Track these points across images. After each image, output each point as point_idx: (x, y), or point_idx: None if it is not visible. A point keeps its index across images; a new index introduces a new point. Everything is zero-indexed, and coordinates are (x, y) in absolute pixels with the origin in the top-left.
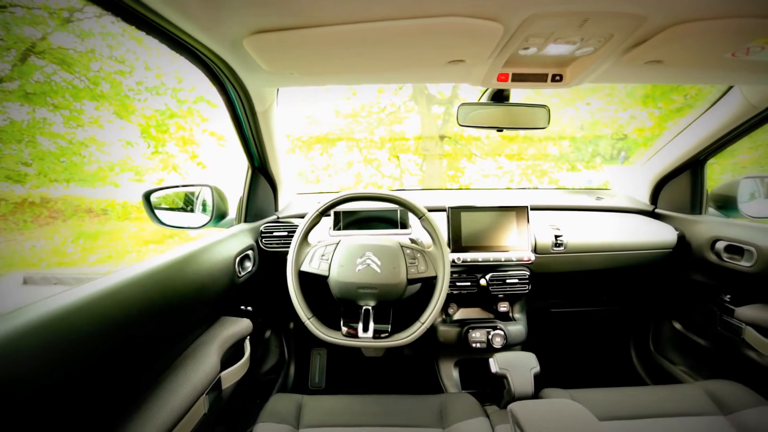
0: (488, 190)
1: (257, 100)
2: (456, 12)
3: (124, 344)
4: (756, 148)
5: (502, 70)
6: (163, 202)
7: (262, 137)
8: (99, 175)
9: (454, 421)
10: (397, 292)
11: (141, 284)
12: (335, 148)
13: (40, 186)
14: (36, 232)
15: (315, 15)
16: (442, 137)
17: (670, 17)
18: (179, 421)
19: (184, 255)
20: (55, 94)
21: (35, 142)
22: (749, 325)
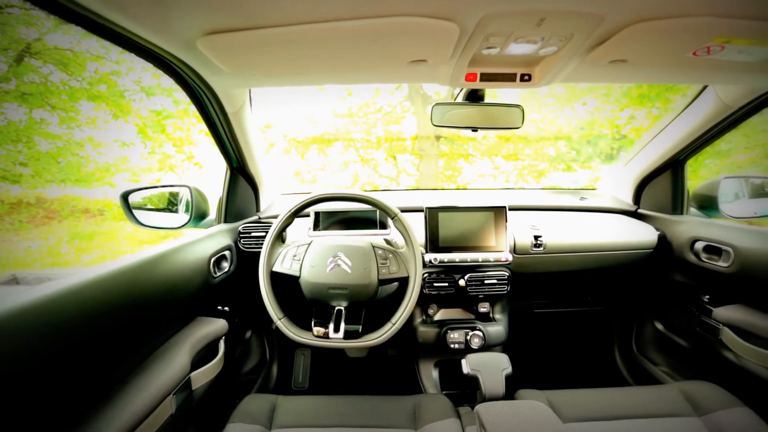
0: (472, 190)
1: (226, 101)
2: (409, 12)
3: (83, 345)
4: (753, 148)
5: (469, 69)
6: (148, 203)
7: (237, 138)
8: (96, 176)
9: (426, 422)
10: (367, 292)
11: (103, 285)
12: (332, 149)
13: (37, 187)
14: (32, 232)
15: (265, 16)
16: (438, 137)
17: (627, 16)
18: (143, 420)
19: (152, 256)
20: (51, 95)
21: (32, 143)
22: (726, 326)
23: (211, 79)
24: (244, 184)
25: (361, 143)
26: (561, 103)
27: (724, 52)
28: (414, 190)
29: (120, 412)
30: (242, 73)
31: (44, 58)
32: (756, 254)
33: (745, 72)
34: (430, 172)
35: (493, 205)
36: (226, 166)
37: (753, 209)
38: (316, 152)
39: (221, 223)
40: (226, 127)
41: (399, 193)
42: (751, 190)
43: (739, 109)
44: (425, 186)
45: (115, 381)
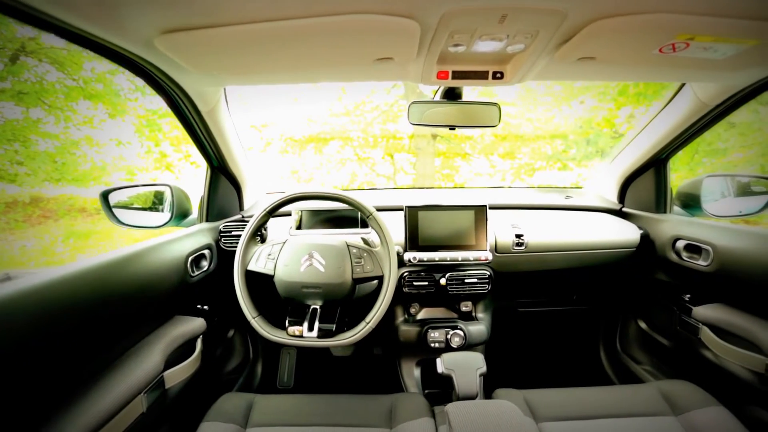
0: (457, 189)
1: (199, 100)
2: (367, 9)
3: (46, 344)
4: (750, 146)
5: (440, 67)
6: (134, 202)
7: (214, 137)
8: (92, 175)
9: (401, 421)
10: (341, 291)
11: (68, 284)
12: (330, 148)
13: (34, 186)
14: (27, 231)
15: (222, 14)
16: (434, 136)
17: (589, 13)
18: (110, 419)
19: (122, 256)
20: (46, 94)
21: (28, 142)
22: (705, 325)
23: (180, 77)
24: (226, 183)
25: (358, 142)
26: (558, 101)
27: (689, 49)
28: (400, 189)
29: (86, 410)
30: (209, 71)
31: (39, 57)
32: (735, 253)
33: (715, 69)
34: (426, 171)
35: (474, 204)
36: (206, 165)
37: (735, 208)
38: (313, 151)
39: (203, 222)
40: (202, 126)
41: (384, 192)
42: (733, 188)
43: (716, 107)
44: (421, 185)
45: (84, 380)
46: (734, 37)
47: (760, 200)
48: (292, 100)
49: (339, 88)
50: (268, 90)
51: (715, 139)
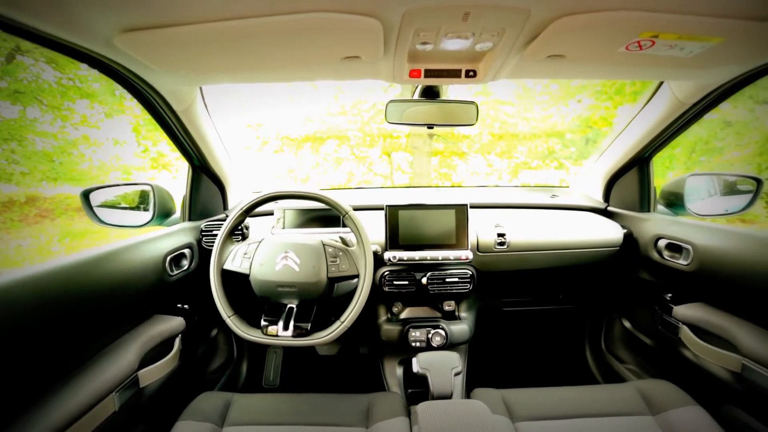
0: (442, 188)
1: (173, 98)
2: (326, 8)
3: (12, 344)
4: (747, 145)
5: (412, 66)
6: (121, 201)
7: (192, 136)
8: (89, 174)
9: (377, 420)
10: (316, 290)
11: (37, 283)
12: (327, 147)
13: (30, 186)
14: (23, 231)
15: (178, 12)
16: (431, 135)
17: (552, 10)
18: (78, 418)
19: (95, 255)
20: (43, 93)
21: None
22: (685, 324)
23: (150, 76)
24: (209, 183)
25: (355, 141)
26: (555, 100)
27: (655, 47)
28: (386, 189)
29: (54, 410)
30: (177, 70)
31: (35, 57)
32: (713, 252)
33: (687, 67)
34: (422, 170)
35: (454, 203)
36: (187, 164)
37: (718, 207)
38: (310, 150)
39: (186, 221)
40: (178, 125)
41: (368, 191)
42: (716, 187)
43: (694, 106)
44: (418, 183)
45: (53, 379)
46: (699, 34)
47: (743, 199)
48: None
49: (336, 87)
50: (267, 90)
51: (711, 138)
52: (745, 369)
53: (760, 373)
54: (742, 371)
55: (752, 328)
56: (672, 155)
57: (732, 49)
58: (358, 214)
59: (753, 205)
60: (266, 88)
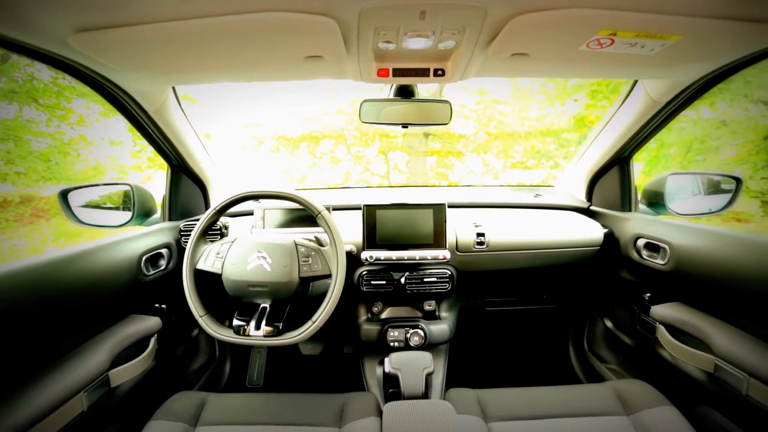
0: (423, 188)
1: (143, 99)
2: (279, 7)
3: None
4: (744, 144)
5: (379, 65)
6: (108, 201)
7: (168, 137)
8: (86, 174)
9: (350, 420)
10: (288, 290)
11: (4, 283)
12: (324, 147)
13: (26, 186)
14: (18, 231)
15: (130, 12)
16: (426, 135)
17: (508, 8)
18: (43, 418)
19: (67, 255)
20: (38, 93)
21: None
22: (662, 324)
23: (116, 77)
24: (188, 182)
25: (352, 140)
26: (552, 99)
27: (615, 45)
28: (370, 189)
29: (18, 410)
30: (139, 70)
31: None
32: (689, 251)
33: (653, 66)
34: (418, 170)
35: (432, 203)
36: (167, 164)
37: (697, 206)
38: (306, 150)
39: (166, 221)
40: (152, 126)
41: (350, 191)
42: (696, 186)
43: (668, 104)
44: (414, 183)
45: (20, 379)
46: (656, 32)
47: (722, 198)
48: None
49: (331, 87)
50: (265, 90)
51: (707, 138)
52: (718, 369)
53: (731, 373)
54: (715, 371)
55: (725, 328)
56: (668, 155)
57: (693, 47)
58: (337, 214)
59: (733, 204)
60: (263, 88)
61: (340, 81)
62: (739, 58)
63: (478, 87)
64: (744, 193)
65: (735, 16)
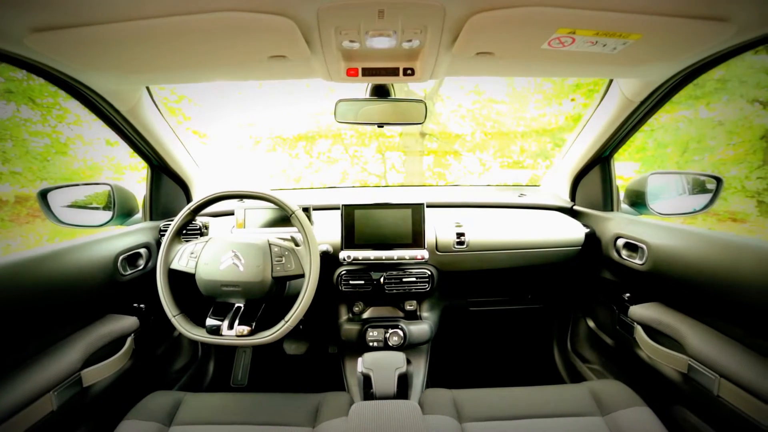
0: (405, 187)
1: (114, 98)
2: (234, 7)
3: None
4: (742, 144)
5: (348, 64)
6: (94, 201)
7: (144, 136)
8: (83, 173)
9: (324, 420)
10: (261, 289)
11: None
12: (322, 147)
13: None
14: (13, 231)
15: (88, 12)
16: (422, 134)
17: (466, 7)
18: (10, 417)
19: (39, 255)
20: (33, 93)
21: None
22: (639, 324)
23: (84, 77)
24: (169, 182)
25: (349, 140)
26: (549, 99)
27: (577, 43)
28: (362, 188)
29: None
30: (103, 70)
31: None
32: (665, 251)
33: (617, 64)
34: (414, 170)
35: (411, 203)
36: (146, 165)
37: (678, 206)
38: (303, 150)
39: (147, 221)
40: (127, 126)
41: (334, 191)
42: (678, 186)
43: (642, 103)
44: (410, 183)
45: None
46: (616, 31)
47: (703, 198)
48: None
49: (327, 86)
50: (261, 90)
51: (703, 137)
52: (691, 370)
53: (703, 374)
54: (688, 372)
55: (699, 329)
56: (664, 154)
57: (655, 45)
58: (318, 214)
59: (714, 203)
60: (258, 87)
61: (336, 83)
62: (707, 56)
63: (475, 87)
64: (740, 193)
65: (694, 15)
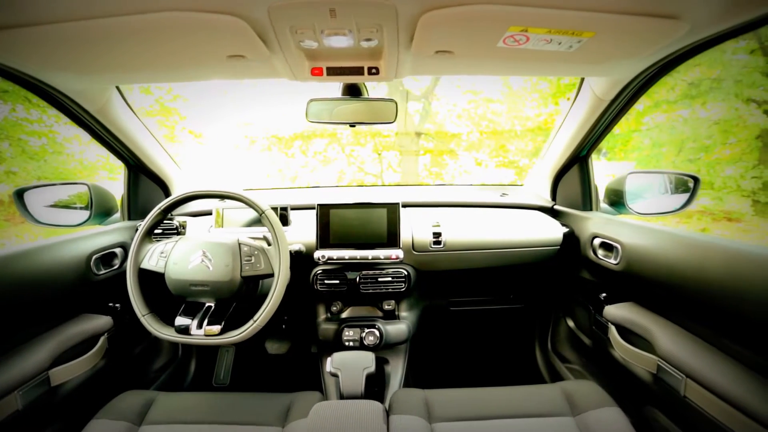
0: (385, 187)
1: (82, 98)
2: (182, 7)
3: None
4: (739, 143)
5: (312, 64)
6: (77, 201)
7: (117, 136)
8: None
9: (294, 419)
10: (230, 289)
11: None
12: (319, 146)
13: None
14: (9, 230)
15: (33, 12)
16: (418, 134)
17: (417, 5)
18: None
19: (6, 255)
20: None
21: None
22: (613, 324)
23: (47, 76)
24: (147, 182)
25: (346, 139)
26: (545, 98)
27: (531, 42)
28: (346, 187)
29: None
30: (63, 69)
31: None
32: (638, 250)
33: (578, 63)
34: (410, 169)
35: (386, 202)
36: (123, 165)
37: (656, 205)
38: (299, 149)
39: (125, 220)
40: (98, 126)
41: (320, 190)
42: (656, 185)
43: (613, 102)
44: (405, 182)
45: None
46: (568, 29)
47: (680, 198)
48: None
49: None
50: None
51: (699, 137)
52: (660, 370)
53: (671, 374)
54: (658, 372)
55: (669, 329)
56: (660, 154)
57: (611, 43)
58: (297, 213)
59: (692, 202)
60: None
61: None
62: (669, 54)
63: (471, 86)
64: (736, 192)
65: (645, 12)
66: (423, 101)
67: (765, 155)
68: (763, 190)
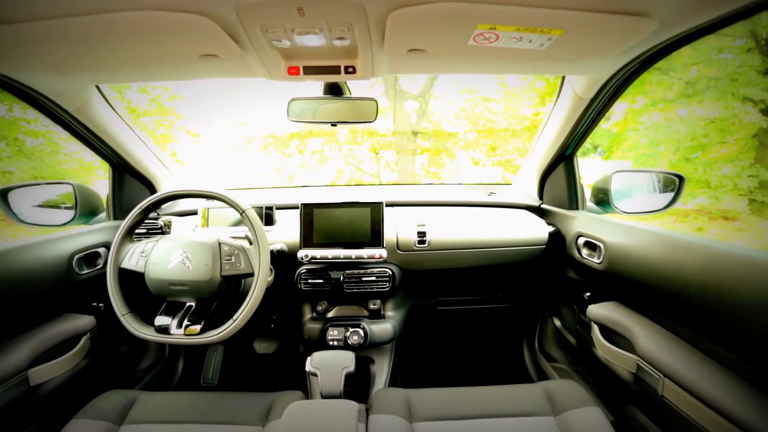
0: (370, 186)
1: (59, 97)
2: (149, 6)
3: None
4: (737, 142)
5: (289, 63)
6: (66, 201)
7: (99, 136)
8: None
9: (273, 419)
10: (210, 288)
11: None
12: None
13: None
14: (5, 231)
15: (10, 9)
16: (415, 133)
17: (384, 4)
18: None
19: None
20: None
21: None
22: (596, 324)
23: (18, 74)
24: (133, 182)
25: (344, 139)
26: (542, 97)
27: (501, 40)
28: (332, 187)
29: None
30: (37, 68)
31: None
32: (620, 249)
33: (552, 61)
34: (407, 168)
35: (369, 202)
36: (108, 165)
37: (641, 204)
38: (296, 149)
39: (110, 220)
40: (79, 126)
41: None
42: (641, 185)
43: (593, 101)
44: (401, 181)
45: None
46: (537, 26)
47: (665, 197)
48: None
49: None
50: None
51: (696, 136)
52: (639, 369)
53: (649, 374)
54: (637, 371)
55: (649, 328)
56: (657, 153)
57: (581, 41)
58: (282, 213)
59: (676, 201)
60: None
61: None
62: (644, 52)
63: (468, 85)
64: (733, 191)
65: (613, 10)
66: (420, 100)
67: (761, 154)
68: (759, 189)
